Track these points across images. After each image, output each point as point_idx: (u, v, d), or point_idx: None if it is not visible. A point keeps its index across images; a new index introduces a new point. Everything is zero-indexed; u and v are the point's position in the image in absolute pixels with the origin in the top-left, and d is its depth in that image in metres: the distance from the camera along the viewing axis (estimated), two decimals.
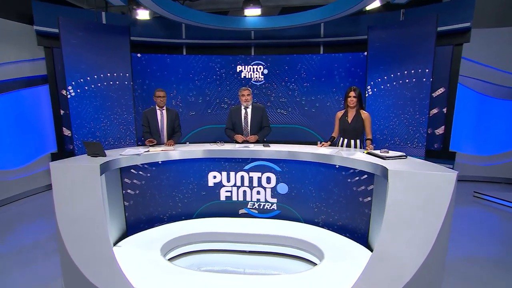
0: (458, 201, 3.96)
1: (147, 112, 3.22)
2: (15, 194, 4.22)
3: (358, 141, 3.01)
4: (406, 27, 3.87)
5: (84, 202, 2.12)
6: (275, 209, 3.05)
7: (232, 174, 3.03)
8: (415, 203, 1.90)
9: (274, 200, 3.03)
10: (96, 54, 3.92)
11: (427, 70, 3.73)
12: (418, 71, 3.81)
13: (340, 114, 3.09)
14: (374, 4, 3.74)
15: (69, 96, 3.78)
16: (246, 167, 3.01)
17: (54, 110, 4.57)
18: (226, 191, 3.08)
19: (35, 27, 4.22)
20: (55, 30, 4.01)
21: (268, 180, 3.00)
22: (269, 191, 3.02)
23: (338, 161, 2.56)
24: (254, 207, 3.09)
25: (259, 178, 3.01)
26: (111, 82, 4.05)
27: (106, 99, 4.04)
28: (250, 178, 3.02)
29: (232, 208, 3.09)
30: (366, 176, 2.51)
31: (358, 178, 2.57)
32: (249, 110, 3.33)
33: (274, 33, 4.73)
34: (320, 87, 4.90)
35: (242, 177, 3.03)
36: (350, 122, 2.99)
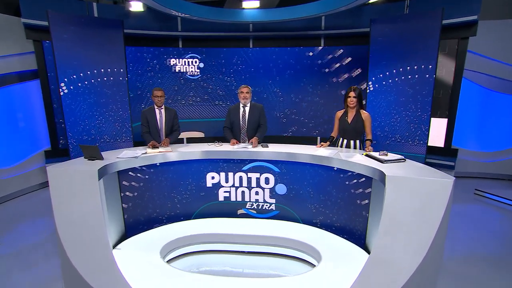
0: (458, 198, 4.17)
1: (146, 111, 3.28)
2: (10, 193, 4.31)
3: (358, 141, 3.10)
4: (410, 21, 3.88)
5: (82, 207, 2.21)
6: (274, 209, 3.16)
7: (230, 174, 3.12)
8: (412, 209, 2.00)
9: (273, 200, 3.14)
10: (88, 49, 3.93)
11: (430, 66, 3.78)
12: (421, 67, 3.85)
13: (339, 114, 3.16)
14: None
15: (62, 93, 3.81)
16: (245, 168, 3.10)
17: (46, 106, 4.60)
18: (225, 192, 3.18)
19: (23, 20, 4.19)
20: (44, 23, 3.99)
21: (266, 180, 3.09)
22: (267, 192, 3.13)
23: (337, 163, 2.65)
24: (252, 208, 3.20)
25: (258, 179, 3.11)
26: (105, 78, 4.08)
27: (101, 96, 4.08)
28: (249, 179, 3.12)
29: (230, 208, 3.20)
30: (364, 179, 2.61)
31: (356, 180, 2.67)
32: (247, 109, 3.39)
33: (273, 25, 4.73)
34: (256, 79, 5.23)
35: (241, 177, 3.12)
36: (350, 122, 3.06)
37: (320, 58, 5.10)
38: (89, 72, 3.97)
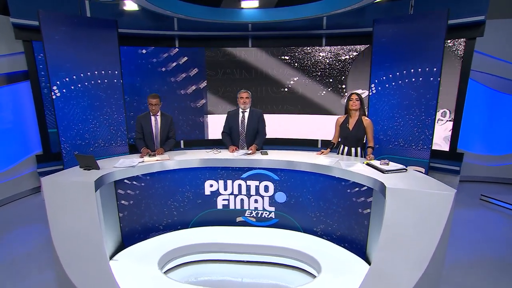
0: (464, 203, 4.27)
1: (141, 118, 3.34)
2: (1, 199, 4.38)
3: (359, 149, 3.17)
4: (414, 22, 3.94)
5: (79, 219, 2.29)
6: (273, 217, 3.25)
7: (229, 182, 3.20)
8: (412, 221, 2.09)
9: (272, 208, 3.22)
10: (81, 51, 3.97)
11: (435, 69, 3.85)
12: (425, 70, 3.92)
13: (340, 120, 3.23)
14: None
15: (54, 96, 3.87)
16: (244, 176, 3.18)
17: (37, 108, 4.64)
18: (223, 200, 3.26)
19: (11, 20, 4.22)
20: (35, 23, 4.02)
21: (266, 188, 3.17)
22: (267, 200, 3.21)
23: (337, 173, 2.73)
24: (251, 215, 3.28)
25: (257, 187, 3.19)
26: (99, 81, 4.14)
27: (95, 99, 4.13)
28: (248, 187, 3.20)
29: (229, 216, 3.29)
30: (365, 187, 2.69)
31: (357, 189, 2.75)
32: (246, 114, 3.46)
33: (273, 24, 4.78)
34: None
35: (240, 185, 3.20)
36: (351, 129, 3.14)
37: (155, 57, 5.27)
38: (82, 74, 4.03)
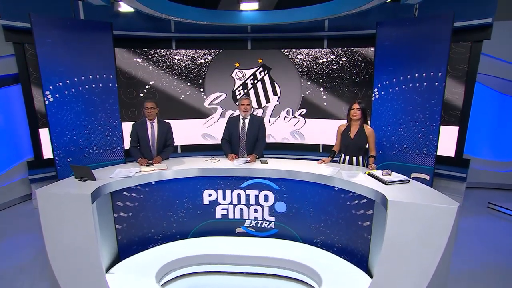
0: (471, 211, 4.35)
1: (137, 125, 3.40)
2: None
3: (360, 158, 3.24)
4: (419, 25, 4.01)
5: (75, 231, 2.35)
6: (273, 227, 3.32)
7: (228, 192, 3.28)
8: (415, 235, 2.16)
9: (272, 218, 3.30)
10: (75, 55, 4.03)
11: (440, 73, 3.92)
12: (430, 75, 4.00)
13: (342, 128, 3.30)
14: None
15: (47, 102, 3.92)
16: (243, 185, 3.25)
17: (28, 113, 4.70)
18: (222, 209, 3.33)
19: (2, 22, 4.27)
20: (26, 25, 4.08)
21: (265, 198, 3.25)
22: (266, 210, 3.28)
23: (338, 183, 2.81)
24: (251, 226, 3.36)
25: (257, 196, 3.26)
26: (94, 85, 4.20)
27: (89, 104, 4.19)
28: (247, 196, 3.28)
29: (228, 226, 3.36)
30: (365, 200, 2.77)
31: (357, 201, 2.83)
32: (246, 121, 3.53)
33: (273, 26, 4.85)
34: None
35: (239, 195, 3.28)
36: (352, 137, 3.21)
37: None
38: (76, 78, 4.08)
